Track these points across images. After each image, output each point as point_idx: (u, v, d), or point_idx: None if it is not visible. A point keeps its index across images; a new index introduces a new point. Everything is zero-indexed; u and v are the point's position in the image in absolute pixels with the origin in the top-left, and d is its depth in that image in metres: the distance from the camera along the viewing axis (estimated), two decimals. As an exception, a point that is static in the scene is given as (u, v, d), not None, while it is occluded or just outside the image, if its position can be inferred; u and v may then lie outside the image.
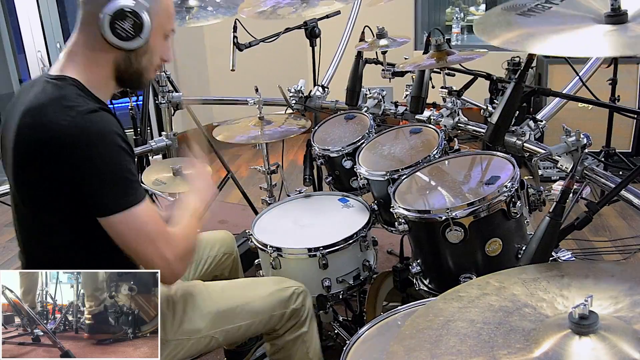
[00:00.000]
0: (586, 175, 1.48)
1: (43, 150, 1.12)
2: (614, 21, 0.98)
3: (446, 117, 1.92)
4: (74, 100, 1.14)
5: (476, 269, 1.39)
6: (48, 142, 1.11)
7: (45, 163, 1.13)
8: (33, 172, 1.16)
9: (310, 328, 1.57)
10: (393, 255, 2.66)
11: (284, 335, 1.53)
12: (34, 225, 1.25)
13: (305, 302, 1.54)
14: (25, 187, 1.20)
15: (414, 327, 0.88)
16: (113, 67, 1.23)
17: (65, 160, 1.11)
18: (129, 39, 1.18)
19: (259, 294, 1.50)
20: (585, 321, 0.76)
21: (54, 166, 1.12)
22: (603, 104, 2.38)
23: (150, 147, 2.73)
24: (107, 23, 1.16)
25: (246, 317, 1.45)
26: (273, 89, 2.47)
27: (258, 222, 1.89)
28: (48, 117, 1.12)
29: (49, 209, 1.19)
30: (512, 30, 1.07)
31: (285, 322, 1.51)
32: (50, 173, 1.13)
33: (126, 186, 1.15)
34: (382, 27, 2.15)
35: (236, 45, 2.33)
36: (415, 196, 1.53)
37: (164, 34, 1.27)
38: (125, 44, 1.19)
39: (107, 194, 1.14)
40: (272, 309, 1.48)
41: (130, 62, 1.24)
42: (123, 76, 1.25)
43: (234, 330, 1.45)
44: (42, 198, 1.18)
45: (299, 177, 2.30)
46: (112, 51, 1.20)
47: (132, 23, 1.17)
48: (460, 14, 4.77)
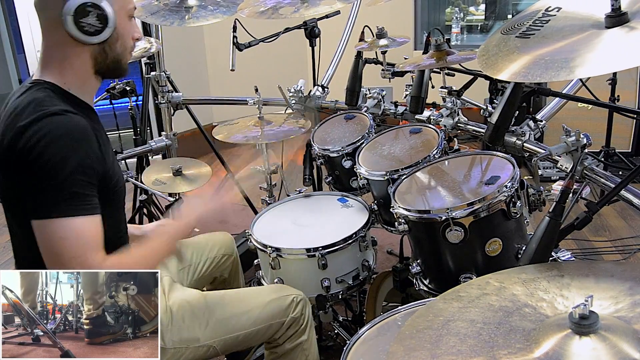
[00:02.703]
0: (586, 175, 1.48)
1: (8, 154, 1.12)
2: (614, 22, 0.98)
3: (446, 117, 1.92)
4: (45, 104, 1.13)
5: (476, 269, 1.39)
6: (11, 145, 1.11)
7: (9, 166, 1.13)
8: (3, 177, 1.17)
9: (310, 336, 1.56)
10: (393, 255, 2.66)
11: (284, 344, 1.52)
12: (16, 228, 1.25)
13: (305, 311, 1.53)
14: (3, 192, 1.21)
15: (414, 327, 0.88)
16: (91, 63, 1.22)
17: (20, 161, 1.10)
18: (97, 32, 1.17)
19: (258, 303, 1.49)
20: (585, 321, 0.76)
21: (16, 168, 1.12)
22: (603, 104, 2.39)
23: (150, 147, 2.73)
24: (71, 23, 1.14)
25: (245, 326, 1.45)
26: (273, 89, 2.47)
27: (257, 222, 1.89)
28: (15, 121, 1.12)
29: (17, 212, 1.18)
30: (514, 59, 1.03)
31: (284, 331, 1.51)
32: (14, 175, 1.13)
33: (58, 196, 1.09)
34: (381, 27, 2.15)
35: (236, 45, 2.33)
36: (415, 196, 1.53)
37: (127, 15, 1.25)
38: (95, 38, 1.18)
39: (36, 198, 1.10)
40: (271, 317, 1.48)
41: (105, 53, 1.22)
42: (103, 68, 1.24)
43: (232, 340, 1.44)
44: (14, 202, 1.18)
45: (298, 177, 2.30)
46: (85, 48, 1.19)
47: (96, 16, 1.16)
48: (460, 14, 4.77)
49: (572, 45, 0.98)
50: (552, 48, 1.01)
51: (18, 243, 1.27)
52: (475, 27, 4.93)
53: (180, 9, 2.42)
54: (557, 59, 0.96)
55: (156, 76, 2.86)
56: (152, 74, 2.87)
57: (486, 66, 1.09)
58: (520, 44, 1.07)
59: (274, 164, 2.45)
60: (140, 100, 2.89)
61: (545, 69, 0.96)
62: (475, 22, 4.92)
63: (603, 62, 0.94)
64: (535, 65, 0.98)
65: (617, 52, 0.94)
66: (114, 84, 2.63)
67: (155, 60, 2.88)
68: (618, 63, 0.92)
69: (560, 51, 0.98)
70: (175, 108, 2.91)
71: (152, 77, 2.87)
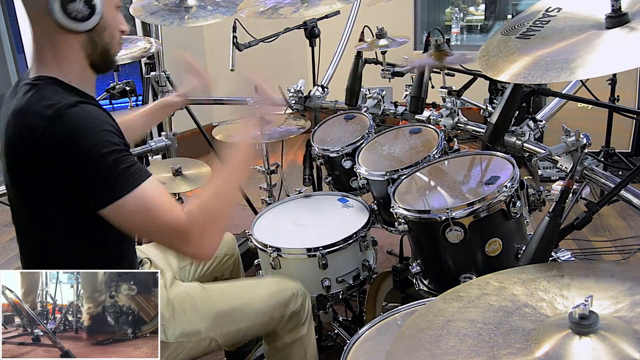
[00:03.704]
0: (586, 175, 1.48)
1: (31, 155, 1.11)
2: (615, 23, 0.98)
3: (446, 117, 1.92)
4: (53, 99, 1.12)
5: (476, 269, 1.39)
6: (33, 146, 1.10)
7: (36, 166, 1.12)
8: (26, 177, 1.15)
9: (309, 330, 1.57)
10: (393, 255, 2.66)
11: (283, 337, 1.52)
12: (31, 227, 1.24)
13: (305, 304, 1.54)
14: (21, 192, 1.20)
15: (414, 327, 0.88)
16: (83, 54, 1.21)
17: (52, 160, 1.10)
18: (84, 19, 1.16)
19: (259, 296, 1.49)
20: (585, 321, 0.76)
21: (45, 168, 1.11)
22: (603, 104, 2.39)
23: (150, 147, 2.72)
24: (59, 11, 1.13)
25: (246, 319, 1.45)
26: (273, 89, 2.46)
27: (258, 222, 1.89)
28: (30, 120, 1.11)
29: (44, 211, 1.18)
30: (514, 60, 1.03)
31: (285, 324, 1.51)
32: (42, 175, 1.12)
33: (116, 176, 1.10)
34: (381, 27, 2.16)
35: (235, 45, 2.33)
36: (415, 196, 1.53)
37: (114, 5, 1.25)
38: (83, 24, 1.16)
39: (93, 189, 1.11)
40: (271, 310, 1.48)
41: (95, 42, 1.21)
42: (94, 59, 1.23)
43: (233, 332, 1.44)
44: (37, 201, 1.17)
45: (298, 177, 2.30)
46: (74, 38, 1.18)
47: (83, 1, 1.15)
48: (460, 14, 4.77)
49: (572, 46, 0.98)
50: (552, 49, 1.00)
51: (26, 237, 1.27)
52: (475, 27, 4.93)
53: (180, 9, 2.42)
54: (557, 60, 0.96)
55: (156, 76, 2.86)
56: (152, 74, 2.87)
57: (486, 67, 1.09)
58: (521, 45, 1.07)
59: (274, 163, 2.46)
60: (140, 100, 2.89)
61: (545, 70, 0.96)
62: (475, 22, 4.92)
63: (603, 63, 0.93)
64: (536, 67, 0.98)
65: (617, 52, 0.93)
66: (114, 84, 2.63)
67: (155, 60, 2.88)
68: (618, 64, 0.92)
69: (560, 52, 0.98)
70: (175, 108, 2.91)
71: (152, 77, 2.87)
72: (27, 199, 1.19)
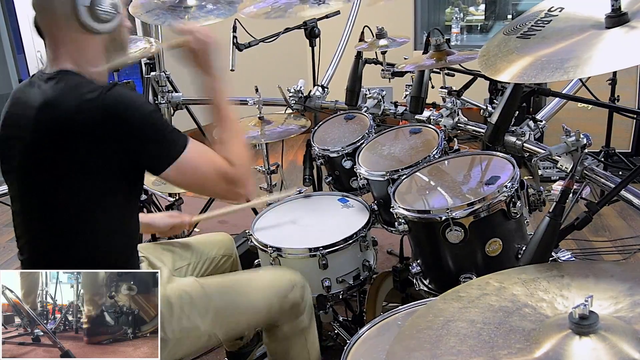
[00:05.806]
0: (586, 175, 1.48)
1: (78, 137, 1.13)
2: (614, 22, 0.98)
3: (446, 117, 1.92)
4: (88, 86, 1.16)
5: (476, 269, 1.39)
6: (80, 129, 1.12)
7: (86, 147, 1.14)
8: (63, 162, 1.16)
9: (311, 325, 1.57)
10: (393, 255, 2.66)
11: (283, 327, 1.52)
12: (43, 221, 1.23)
13: (304, 295, 1.53)
14: (47, 185, 1.19)
15: (414, 327, 0.88)
16: (103, 53, 1.24)
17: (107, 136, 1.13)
18: (109, 20, 1.20)
19: (256, 287, 1.49)
20: (585, 321, 0.76)
21: (97, 145, 1.14)
22: (603, 104, 2.39)
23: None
24: (86, 13, 1.16)
25: (244, 311, 1.45)
26: (273, 89, 2.47)
27: (258, 222, 1.89)
28: (69, 105, 1.13)
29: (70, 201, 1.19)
30: (513, 60, 1.04)
31: (284, 315, 1.50)
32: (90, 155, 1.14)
33: (171, 139, 1.19)
34: (381, 27, 2.15)
35: (235, 45, 2.33)
36: (415, 196, 1.53)
37: (124, 4, 1.27)
38: (108, 25, 1.20)
39: (150, 155, 1.18)
40: (269, 301, 1.47)
41: (115, 40, 1.25)
42: (113, 56, 1.26)
43: (233, 325, 1.44)
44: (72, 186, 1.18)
45: (298, 177, 2.30)
46: (96, 39, 1.21)
47: (109, 4, 1.18)
48: (460, 14, 4.77)
49: (572, 46, 0.98)
50: (552, 49, 1.00)
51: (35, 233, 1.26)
52: (475, 27, 4.93)
53: (180, 9, 2.41)
54: (556, 60, 0.96)
55: (156, 76, 2.86)
56: (152, 74, 2.86)
57: (486, 67, 1.09)
58: (521, 45, 1.07)
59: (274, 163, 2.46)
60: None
61: (545, 70, 0.96)
62: (475, 22, 4.92)
63: (603, 62, 0.93)
64: (535, 66, 0.98)
65: (617, 51, 0.93)
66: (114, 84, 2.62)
67: (155, 61, 2.88)
68: (618, 62, 0.92)
69: (560, 52, 0.98)
70: (175, 108, 2.91)
71: (152, 77, 2.86)
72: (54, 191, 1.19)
